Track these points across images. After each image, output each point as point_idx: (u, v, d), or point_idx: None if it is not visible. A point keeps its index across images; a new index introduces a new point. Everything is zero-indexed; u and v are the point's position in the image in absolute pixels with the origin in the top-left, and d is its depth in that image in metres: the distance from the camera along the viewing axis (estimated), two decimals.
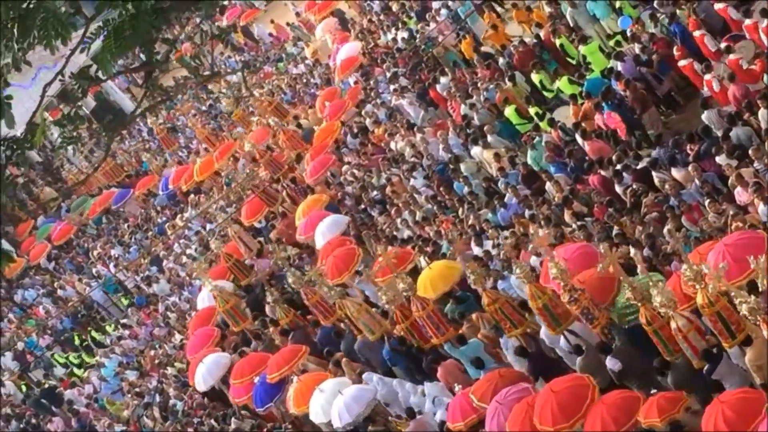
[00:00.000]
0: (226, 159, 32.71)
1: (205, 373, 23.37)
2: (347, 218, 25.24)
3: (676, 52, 21.26)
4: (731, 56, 19.92)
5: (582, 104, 21.94)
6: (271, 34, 43.18)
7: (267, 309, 24.40)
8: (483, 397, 16.36)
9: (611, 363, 15.99)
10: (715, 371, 14.58)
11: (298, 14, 41.85)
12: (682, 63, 21.06)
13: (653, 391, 14.64)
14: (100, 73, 7.72)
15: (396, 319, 19.36)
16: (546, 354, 17.28)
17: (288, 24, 42.24)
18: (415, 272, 20.69)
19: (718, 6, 21.27)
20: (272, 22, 43.73)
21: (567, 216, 19.37)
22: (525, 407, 15.34)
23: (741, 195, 17.08)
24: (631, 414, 14.37)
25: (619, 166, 19.35)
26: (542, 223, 19.44)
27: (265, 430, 21.93)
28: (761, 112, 18.37)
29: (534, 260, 18.84)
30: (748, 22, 20.39)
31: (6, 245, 32.97)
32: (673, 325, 14.80)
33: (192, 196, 34.16)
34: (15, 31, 7.40)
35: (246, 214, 29.00)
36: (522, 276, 16.71)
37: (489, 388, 16.43)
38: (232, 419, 22.74)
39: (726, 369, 14.59)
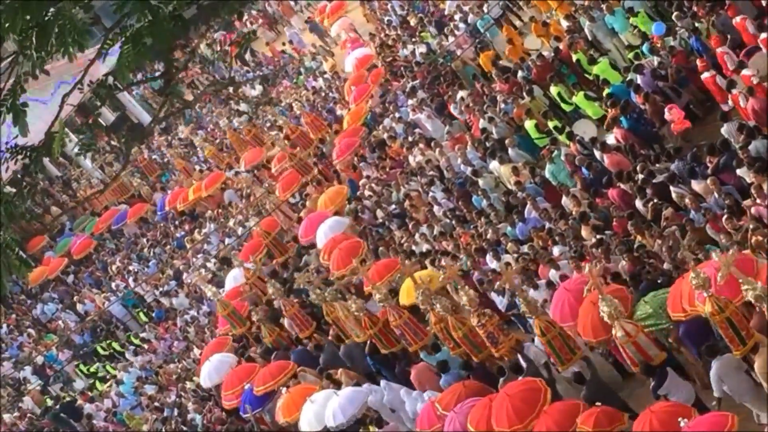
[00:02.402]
0: (214, 188, 34.28)
1: (211, 371, 24.44)
2: (348, 219, 26.06)
3: (699, 64, 21.16)
4: (744, 72, 19.85)
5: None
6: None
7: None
8: (447, 406, 17.26)
9: None
10: (662, 387, 15.23)
11: (291, 42, 42.99)
12: (704, 75, 20.95)
13: (598, 403, 15.31)
14: (117, 83, 7.72)
15: (364, 325, 20.47)
16: (488, 370, 18.34)
17: (283, 51, 43.26)
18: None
19: (736, 20, 21.19)
20: (267, 44, 44.34)
21: (585, 231, 19.29)
22: (486, 404, 16.37)
23: (759, 208, 16.97)
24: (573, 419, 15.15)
25: (641, 176, 19.26)
26: (557, 239, 19.52)
27: None
28: None
29: (553, 274, 18.82)
30: (763, 35, 20.30)
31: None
32: (613, 332, 15.77)
33: (209, 212, 34.29)
34: (33, 39, 7.41)
35: (281, 189, 30.05)
36: (527, 310, 17.35)
37: (453, 398, 17.32)
38: None
39: (672, 384, 15.30)
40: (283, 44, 43.37)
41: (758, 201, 17.01)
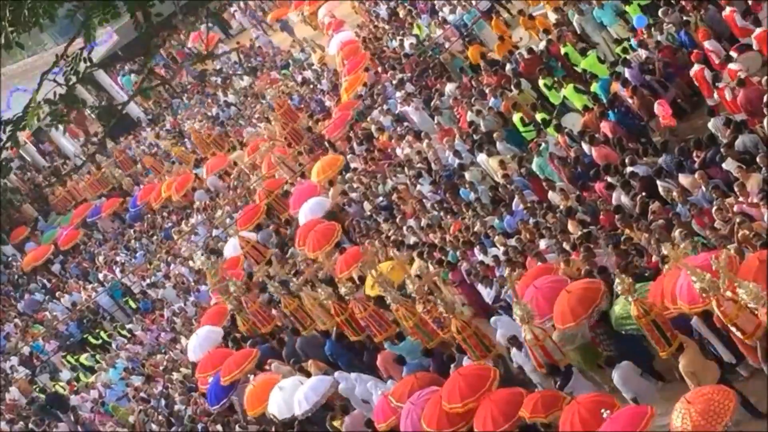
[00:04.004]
0: (183, 191, 35.00)
1: (196, 346, 25.07)
2: (329, 200, 26.72)
3: (692, 57, 21.10)
4: (731, 66, 19.81)
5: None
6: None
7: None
8: (400, 398, 18.06)
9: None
10: (567, 385, 16.26)
11: (261, 48, 43.48)
12: (693, 69, 20.89)
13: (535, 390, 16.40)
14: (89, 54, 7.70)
15: (335, 312, 21.01)
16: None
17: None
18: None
19: (725, 12, 21.16)
20: (238, 44, 44.67)
21: (571, 226, 19.26)
22: (437, 400, 17.04)
23: (742, 205, 16.95)
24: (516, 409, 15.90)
25: (629, 169, 19.25)
26: (543, 233, 19.54)
27: None
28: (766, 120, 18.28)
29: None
30: (758, 31, 20.24)
31: None
32: (523, 335, 16.92)
33: (198, 203, 34.25)
34: (7, 11, 7.41)
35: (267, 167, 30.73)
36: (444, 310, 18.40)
37: (405, 390, 18.12)
38: (236, 426, 22.69)
39: (577, 384, 16.35)
40: (260, 47, 43.81)
41: (741, 199, 17.01)
